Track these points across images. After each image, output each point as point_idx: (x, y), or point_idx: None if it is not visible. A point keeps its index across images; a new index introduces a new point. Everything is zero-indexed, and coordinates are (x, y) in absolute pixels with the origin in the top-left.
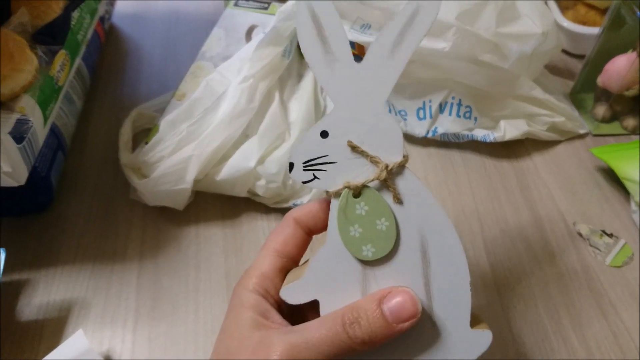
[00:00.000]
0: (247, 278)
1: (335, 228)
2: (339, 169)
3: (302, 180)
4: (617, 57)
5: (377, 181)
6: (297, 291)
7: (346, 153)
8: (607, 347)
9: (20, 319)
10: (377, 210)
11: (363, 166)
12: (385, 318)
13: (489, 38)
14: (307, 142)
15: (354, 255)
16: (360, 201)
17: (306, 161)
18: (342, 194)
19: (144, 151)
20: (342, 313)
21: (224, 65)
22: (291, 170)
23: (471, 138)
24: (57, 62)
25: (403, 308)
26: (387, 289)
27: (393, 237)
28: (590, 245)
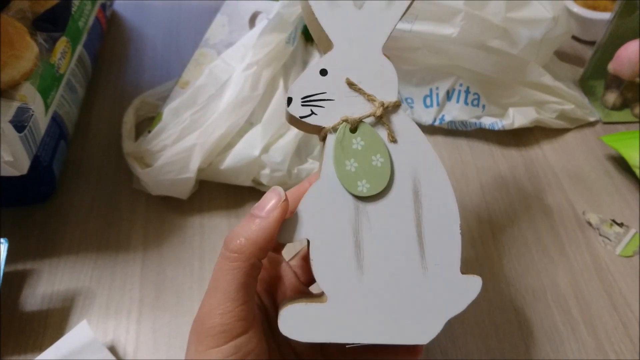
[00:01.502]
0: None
1: (331, 163)
2: (336, 106)
3: (299, 115)
4: (629, 43)
5: (373, 118)
6: (289, 228)
7: (344, 90)
8: (617, 337)
9: (24, 310)
10: (373, 145)
11: (360, 103)
12: (251, 215)
13: (498, 23)
14: (307, 78)
15: (348, 190)
16: (357, 136)
17: (305, 97)
18: (339, 128)
19: (147, 140)
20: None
21: (228, 53)
22: (289, 104)
23: (479, 126)
24: (58, 49)
25: (264, 199)
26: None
27: (387, 173)
28: (600, 235)
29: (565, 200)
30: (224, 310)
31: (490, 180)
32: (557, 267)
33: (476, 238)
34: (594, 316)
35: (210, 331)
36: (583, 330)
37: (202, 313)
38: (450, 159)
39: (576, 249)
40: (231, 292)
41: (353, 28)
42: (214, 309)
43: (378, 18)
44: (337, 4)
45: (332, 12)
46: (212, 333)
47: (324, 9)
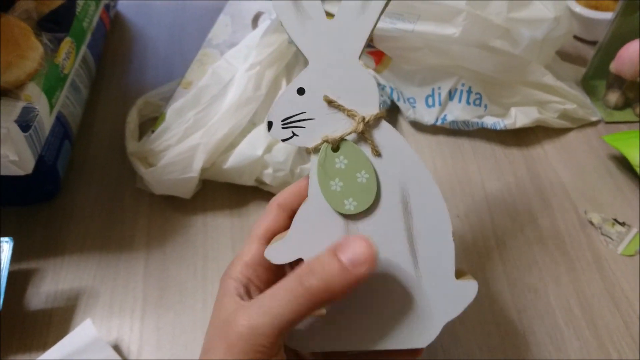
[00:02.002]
0: (232, 267)
1: (316, 184)
2: (317, 125)
3: (281, 138)
4: (630, 42)
5: (355, 134)
6: (281, 250)
7: (323, 108)
8: (619, 336)
9: (29, 308)
10: (357, 163)
11: (340, 120)
12: (340, 262)
13: (500, 23)
14: (284, 100)
15: (336, 210)
16: (339, 155)
17: (284, 119)
18: (321, 148)
19: (151, 140)
20: (297, 271)
21: (231, 53)
22: (270, 128)
23: (481, 126)
24: (63, 49)
25: (357, 250)
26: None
27: (374, 189)
28: (602, 234)
29: (567, 200)
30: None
31: (492, 180)
32: (559, 266)
33: (478, 237)
34: (595, 315)
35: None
36: (585, 330)
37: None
38: (452, 158)
39: (578, 248)
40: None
41: (326, 40)
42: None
43: (351, 25)
44: (308, 16)
45: (302, 26)
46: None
47: (294, 25)
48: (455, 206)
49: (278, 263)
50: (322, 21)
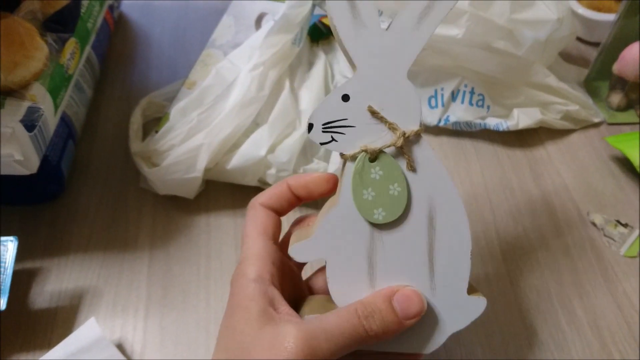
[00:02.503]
0: (246, 266)
1: (349, 190)
2: (357, 133)
3: (320, 142)
4: (633, 44)
5: (393, 147)
6: (307, 249)
7: (365, 118)
8: (621, 337)
9: (33, 308)
10: (391, 175)
11: (381, 132)
12: (396, 314)
13: (503, 24)
14: (328, 104)
15: (365, 218)
16: (375, 166)
17: (325, 123)
18: (358, 157)
19: (155, 140)
20: (355, 307)
21: (234, 53)
22: (310, 130)
23: (484, 127)
24: (67, 50)
25: (411, 304)
26: (395, 287)
27: (404, 202)
28: (605, 235)
29: (570, 201)
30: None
31: (494, 181)
32: (562, 267)
33: (481, 238)
34: (598, 316)
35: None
36: (587, 330)
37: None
38: (454, 159)
39: (580, 249)
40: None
41: (378, 51)
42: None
43: (405, 40)
44: (364, 24)
45: (357, 33)
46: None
47: (348, 31)
48: None
49: (301, 261)
50: (377, 31)
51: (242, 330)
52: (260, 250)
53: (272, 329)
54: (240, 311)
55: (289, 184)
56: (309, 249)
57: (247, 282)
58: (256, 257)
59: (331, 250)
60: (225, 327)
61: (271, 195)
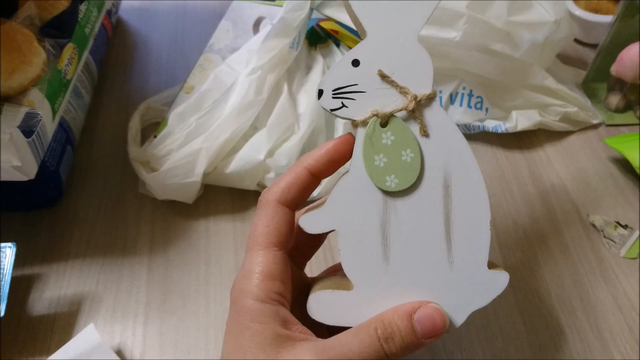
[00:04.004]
0: (251, 285)
1: (360, 157)
2: (367, 98)
3: (330, 108)
4: (631, 45)
5: (405, 112)
6: (318, 219)
7: (376, 82)
8: (622, 339)
9: (32, 314)
10: (404, 140)
11: (392, 96)
12: (416, 334)
13: (501, 27)
14: (338, 70)
15: (377, 185)
16: (387, 130)
17: (335, 89)
18: (369, 122)
19: (153, 144)
20: (374, 327)
21: (232, 58)
22: (320, 97)
23: (482, 129)
24: (65, 55)
25: (433, 324)
26: (416, 303)
27: (417, 169)
28: (605, 237)
29: (569, 203)
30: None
31: (494, 183)
32: (562, 269)
33: None
34: (599, 318)
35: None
36: (588, 332)
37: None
38: None
39: (580, 250)
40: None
41: (388, 15)
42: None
43: (414, 4)
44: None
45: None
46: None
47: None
48: None
49: (313, 232)
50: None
51: (255, 354)
52: (269, 267)
53: (288, 352)
54: (250, 334)
55: (305, 165)
56: (319, 219)
57: (253, 303)
58: (264, 275)
59: (343, 221)
60: (234, 350)
61: (287, 184)
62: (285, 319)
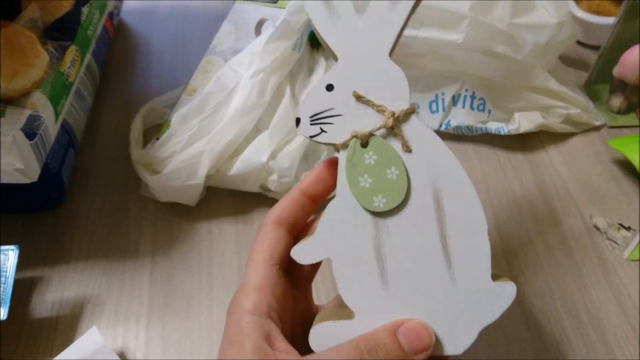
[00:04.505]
0: (243, 297)
1: (345, 180)
2: (345, 121)
3: (309, 135)
4: (634, 47)
5: (385, 130)
6: (308, 250)
7: (352, 104)
8: (626, 342)
9: (34, 316)
10: (387, 158)
11: (370, 116)
12: (402, 348)
13: (503, 29)
14: (313, 96)
15: (364, 207)
16: (368, 150)
17: (312, 115)
18: (349, 144)
19: (156, 147)
20: (357, 342)
21: (235, 60)
22: (298, 125)
23: (485, 131)
24: (68, 57)
25: (417, 336)
26: (399, 320)
27: (404, 185)
28: (608, 239)
29: (572, 204)
30: None
31: (496, 185)
32: (565, 271)
33: None
34: (602, 320)
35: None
36: (592, 334)
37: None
38: None
39: (584, 252)
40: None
41: (356, 37)
42: None
43: (382, 23)
44: (338, 14)
45: (332, 23)
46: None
47: (324, 23)
48: None
49: (304, 263)
50: (352, 18)
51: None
52: (260, 280)
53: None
54: (233, 347)
55: (300, 188)
56: (310, 249)
57: (242, 314)
58: (255, 287)
59: (335, 247)
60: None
61: (283, 207)
62: (270, 333)
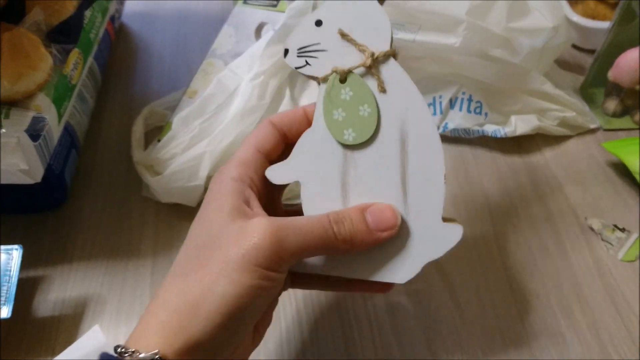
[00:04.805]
0: (229, 166)
1: (321, 112)
2: (329, 56)
3: (294, 66)
4: (628, 51)
5: (363, 69)
6: (281, 171)
7: (337, 41)
8: (620, 341)
9: (36, 315)
10: (361, 96)
11: (352, 54)
12: (366, 223)
13: (500, 33)
14: (302, 30)
15: (335, 138)
16: (345, 86)
17: (300, 48)
18: (329, 78)
19: (157, 148)
20: (327, 213)
21: (235, 63)
22: (285, 55)
23: (482, 133)
24: (71, 60)
25: (383, 216)
26: (369, 202)
27: (374, 123)
28: (603, 240)
29: (568, 206)
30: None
31: (493, 187)
32: (561, 271)
33: (480, 244)
34: (597, 320)
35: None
36: (587, 334)
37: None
38: (453, 166)
39: (579, 253)
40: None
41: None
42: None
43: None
44: None
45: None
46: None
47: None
48: (457, 213)
49: (277, 183)
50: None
51: (212, 221)
52: (247, 157)
53: (243, 221)
54: (214, 204)
55: (306, 110)
56: (283, 171)
57: (226, 179)
58: (241, 161)
59: (305, 173)
60: (197, 218)
61: (283, 115)
62: (249, 199)
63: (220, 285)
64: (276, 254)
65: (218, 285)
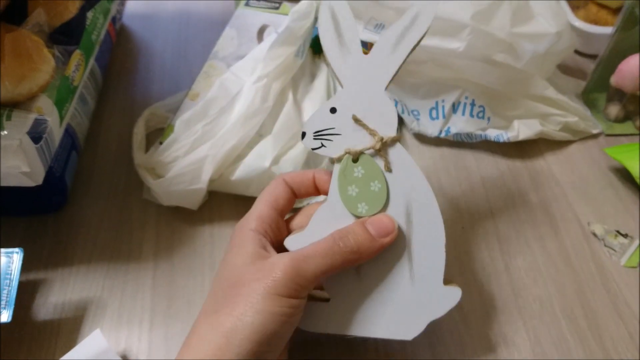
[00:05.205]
0: (248, 221)
1: (336, 187)
2: (342, 140)
3: (311, 147)
4: (631, 56)
5: (373, 150)
6: (299, 240)
7: (350, 126)
8: (623, 347)
9: (37, 319)
10: (372, 173)
11: (363, 137)
12: (368, 232)
13: (503, 38)
14: (318, 115)
15: (350, 212)
16: (358, 165)
17: (316, 131)
18: (343, 159)
19: (159, 151)
20: (331, 233)
21: (238, 65)
22: (303, 138)
23: (484, 138)
24: (73, 62)
25: (382, 224)
26: (366, 218)
27: (384, 197)
28: (605, 246)
29: (570, 211)
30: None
31: (495, 192)
32: (564, 277)
33: (483, 249)
34: (600, 326)
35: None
36: (590, 340)
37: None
38: (456, 170)
39: (582, 259)
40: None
41: (361, 72)
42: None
43: (383, 62)
44: (348, 51)
45: (343, 57)
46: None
47: (336, 56)
48: (460, 217)
49: (294, 250)
50: (359, 56)
51: (236, 263)
52: (263, 213)
53: (262, 261)
54: (236, 249)
55: (315, 175)
56: (301, 240)
57: (246, 230)
58: (258, 216)
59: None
60: (222, 263)
61: (295, 175)
62: (265, 245)
63: (248, 315)
64: (293, 281)
65: (246, 316)
